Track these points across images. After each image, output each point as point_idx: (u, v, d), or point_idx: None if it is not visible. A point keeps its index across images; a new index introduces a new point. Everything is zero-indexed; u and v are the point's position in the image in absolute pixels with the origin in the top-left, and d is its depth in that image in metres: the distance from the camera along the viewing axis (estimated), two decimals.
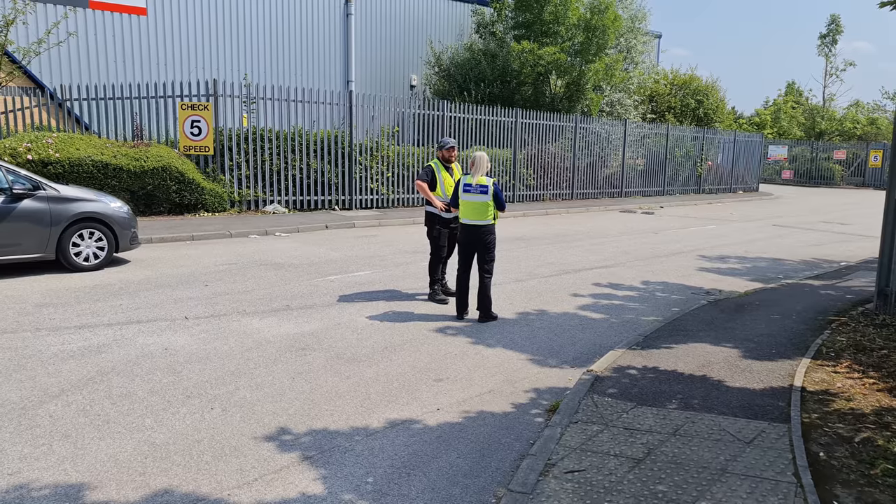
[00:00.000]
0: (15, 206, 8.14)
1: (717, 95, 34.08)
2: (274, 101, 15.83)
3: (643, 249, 12.61)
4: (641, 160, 25.66)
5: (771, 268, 11.20)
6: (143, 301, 7.43)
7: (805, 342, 6.52)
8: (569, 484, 3.66)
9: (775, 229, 17.04)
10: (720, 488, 3.62)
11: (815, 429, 4.45)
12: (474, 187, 6.96)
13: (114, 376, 5.16)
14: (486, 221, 7.02)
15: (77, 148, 12.69)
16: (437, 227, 7.86)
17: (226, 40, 19.97)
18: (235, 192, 14.95)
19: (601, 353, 6.15)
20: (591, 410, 4.68)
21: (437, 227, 7.86)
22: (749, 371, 5.60)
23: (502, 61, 22.49)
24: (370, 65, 23.50)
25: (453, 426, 4.51)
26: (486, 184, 6.93)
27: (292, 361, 5.66)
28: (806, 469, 3.82)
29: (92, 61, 17.52)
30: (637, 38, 26.87)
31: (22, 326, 6.35)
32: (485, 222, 7.02)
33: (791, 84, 54.32)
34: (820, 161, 42.17)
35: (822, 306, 8.13)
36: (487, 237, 7.06)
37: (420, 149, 18.25)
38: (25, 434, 4.15)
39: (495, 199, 6.99)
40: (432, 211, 7.85)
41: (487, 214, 6.99)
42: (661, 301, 8.42)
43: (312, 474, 3.80)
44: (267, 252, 10.82)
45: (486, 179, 6.96)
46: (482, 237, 7.06)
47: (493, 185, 6.99)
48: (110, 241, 8.96)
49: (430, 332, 6.65)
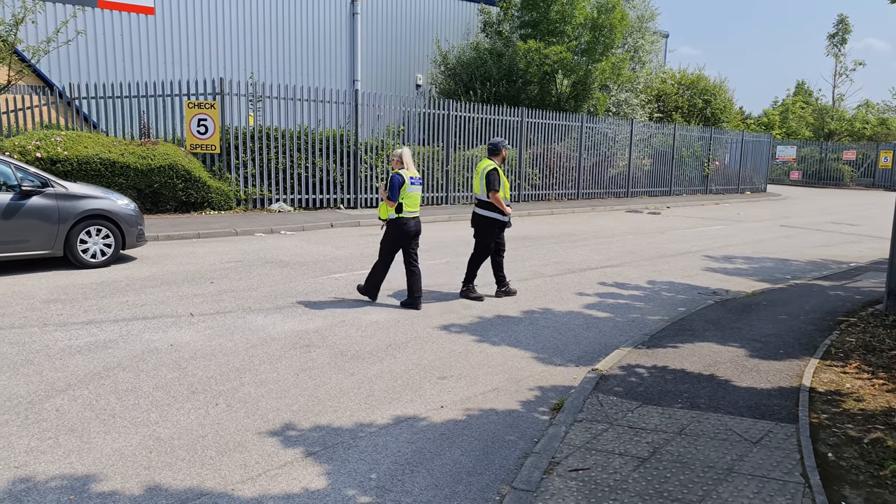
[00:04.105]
0: (24, 203, 8.18)
1: (725, 95, 33.91)
2: (280, 99, 15.85)
3: (649, 249, 12.57)
4: (648, 160, 25.58)
5: (778, 268, 11.14)
6: (150, 298, 7.45)
7: (813, 342, 6.48)
8: (573, 482, 3.64)
9: (783, 230, 16.95)
10: (726, 488, 3.59)
11: (824, 429, 4.41)
12: (416, 179, 7.39)
13: (120, 371, 5.18)
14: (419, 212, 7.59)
15: (85, 146, 12.74)
16: (498, 232, 7.99)
17: (232, 39, 20.01)
18: (241, 191, 14.98)
19: (606, 352, 6.12)
20: (596, 409, 4.66)
21: (497, 231, 7.99)
22: (756, 371, 5.57)
23: (508, 60, 22.45)
24: (376, 64, 23.51)
25: (457, 424, 4.50)
26: (419, 175, 7.52)
27: (297, 358, 5.66)
28: (814, 469, 3.79)
29: (100, 60, 17.58)
30: (644, 38, 26.79)
31: (30, 322, 6.37)
32: (418, 212, 7.53)
33: (800, 84, 54.01)
34: (829, 162, 41.93)
35: (831, 307, 8.07)
36: (421, 227, 7.59)
37: (425, 148, 18.24)
38: (32, 428, 4.16)
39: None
40: (498, 217, 7.90)
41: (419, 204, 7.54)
42: (667, 301, 8.38)
43: (316, 470, 3.79)
44: (272, 250, 10.83)
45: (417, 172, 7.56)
46: (420, 228, 7.55)
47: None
48: (117, 238, 8.99)
49: (434, 330, 6.64)
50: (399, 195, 7.21)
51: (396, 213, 7.30)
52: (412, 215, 7.38)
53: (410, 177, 7.28)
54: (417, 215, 7.46)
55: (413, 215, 7.40)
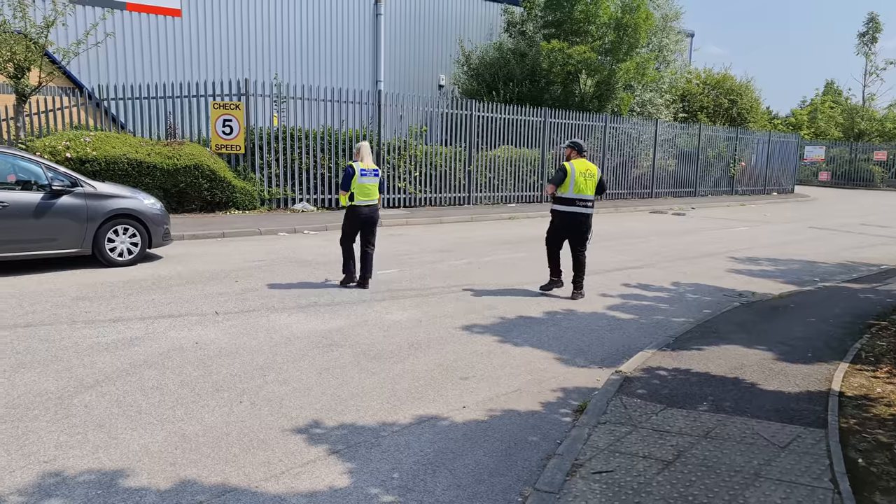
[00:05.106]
0: (54, 203, 8.33)
1: (752, 95, 33.47)
2: (303, 100, 15.98)
3: (673, 250, 12.43)
4: (672, 160, 25.32)
5: (806, 270, 10.96)
6: (175, 296, 7.54)
7: (843, 346, 6.35)
8: (596, 484, 3.61)
9: (811, 231, 16.66)
10: (753, 493, 3.54)
11: (854, 434, 4.32)
12: (369, 172, 8.05)
13: (146, 369, 5.25)
14: (377, 201, 8.26)
15: (113, 146, 12.95)
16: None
17: (257, 41, 20.22)
18: (265, 191, 15.13)
19: (630, 353, 6.07)
20: (620, 411, 4.61)
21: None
22: (784, 374, 5.47)
23: (531, 60, 22.38)
24: (399, 64, 23.58)
25: (479, 424, 4.49)
26: (376, 168, 8.17)
27: (319, 357, 5.69)
28: (844, 475, 3.71)
29: (128, 62, 17.88)
30: (669, 37, 26.52)
31: (59, 319, 6.49)
32: (376, 201, 8.25)
33: (829, 83, 53.15)
34: (859, 162, 41.15)
35: (861, 310, 7.91)
36: (378, 215, 8.33)
37: (448, 148, 18.25)
38: (62, 423, 4.24)
39: (381, 182, 8.30)
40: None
41: (376, 194, 8.22)
42: (692, 302, 8.28)
43: (339, 468, 3.81)
44: (295, 249, 10.91)
45: (374, 164, 8.21)
46: (375, 215, 8.27)
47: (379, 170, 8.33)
48: (143, 237, 9.12)
49: (456, 331, 6.63)
50: (349, 185, 7.98)
51: (349, 201, 8.07)
52: (364, 203, 8.10)
53: (362, 169, 7.98)
54: (371, 203, 8.16)
55: (365, 203, 8.11)
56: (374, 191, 8.15)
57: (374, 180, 8.13)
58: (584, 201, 8.12)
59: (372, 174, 8.08)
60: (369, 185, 8.06)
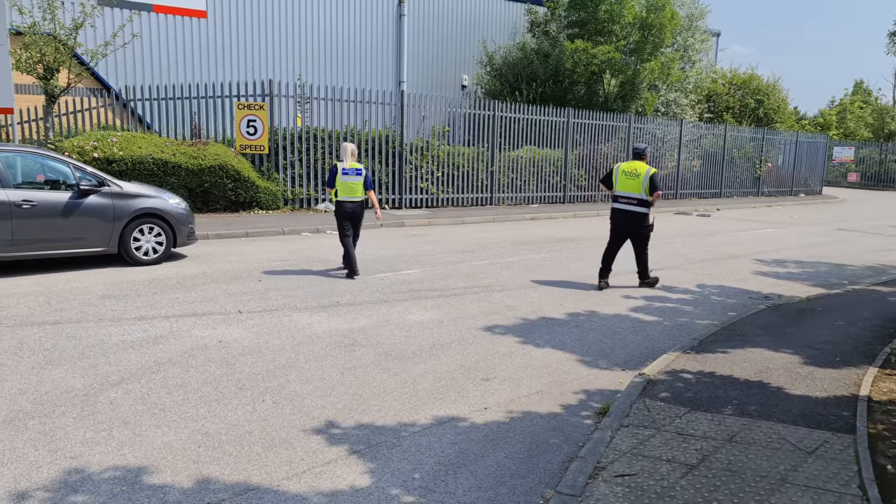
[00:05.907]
0: (81, 202, 8.47)
1: (779, 95, 32.96)
2: (327, 101, 16.06)
3: (698, 252, 12.28)
4: (697, 161, 25.01)
5: (834, 273, 10.75)
6: (199, 295, 7.63)
7: (872, 350, 6.22)
8: (619, 488, 3.57)
9: (840, 233, 16.35)
10: (780, 499, 3.47)
11: (883, 440, 4.23)
12: (351, 171, 8.62)
13: (170, 367, 5.31)
14: (361, 198, 8.76)
15: (139, 146, 13.14)
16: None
17: (281, 41, 20.37)
18: (289, 191, 15.24)
19: (654, 356, 6.00)
20: (643, 414, 4.56)
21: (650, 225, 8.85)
22: (811, 378, 5.37)
23: (555, 60, 22.25)
24: (422, 65, 23.60)
25: (500, 426, 4.47)
26: (358, 167, 8.70)
27: (341, 357, 5.71)
28: (872, 482, 3.63)
29: (154, 63, 18.11)
30: (694, 37, 26.20)
31: (86, 317, 6.60)
32: (360, 198, 8.75)
33: (859, 83, 52.12)
34: (889, 163, 40.24)
35: (891, 313, 7.74)
36: (362, 211, 8.87)
37: (470, 149, 18.22)
38: (88, 419, 4.30)
39: (366, 180, 8.78)
40: (650, 214, 8.68)
41: (360, 192, 8.72)
42: (717, 305, 8.17)
43: (360, 468, 3.81)
44: (318, 249, 10.97)
45: (358, 164, 8.73)
46: (359, 211, 8.79)
47: (364, 169, 8.81)
48: (168, 236, 9.23)
49: (478, 331, 6.62)
50: (334, 182, 8.64)
51: (335, 197, 8.70)
52: (347, 200, 8.67)
53: (343, 168, 8.61)
54: (355, 200, 8.70)
55: (349, 200, 8.68)
56: (357, 188, 8.69)
57: (357, 178, 8.67)
58: (627, 199, 8.55)
59: (354, 173, 8.64)
60: (351, 182, 8.64)
